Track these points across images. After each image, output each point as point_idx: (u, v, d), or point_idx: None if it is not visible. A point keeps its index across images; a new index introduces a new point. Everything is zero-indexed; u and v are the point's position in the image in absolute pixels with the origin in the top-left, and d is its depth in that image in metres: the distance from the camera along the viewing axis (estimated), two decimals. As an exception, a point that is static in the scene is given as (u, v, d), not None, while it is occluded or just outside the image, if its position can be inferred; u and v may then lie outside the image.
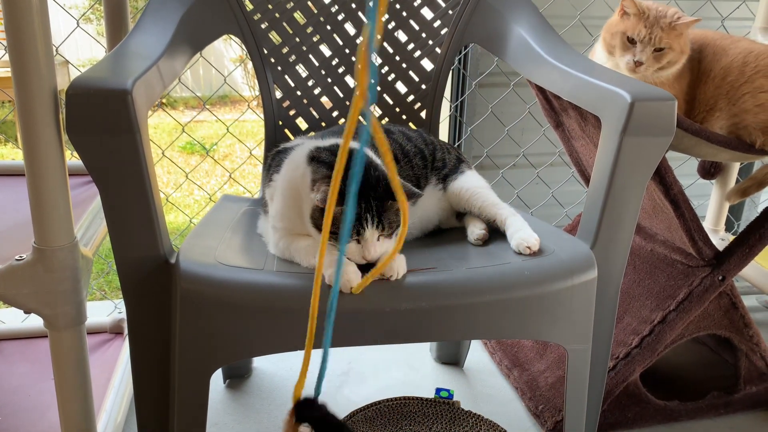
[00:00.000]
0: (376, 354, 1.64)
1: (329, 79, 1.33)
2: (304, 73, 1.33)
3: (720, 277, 1.27)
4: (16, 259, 0.81)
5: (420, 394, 1.34)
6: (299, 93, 1.33)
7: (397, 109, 1.37)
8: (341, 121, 1.35)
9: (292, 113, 1.33)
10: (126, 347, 1.41)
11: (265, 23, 1.28)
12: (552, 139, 1.98)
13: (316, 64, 1.33)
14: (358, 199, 0.84)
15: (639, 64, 1.20)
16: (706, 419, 1.41)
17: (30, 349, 1.42)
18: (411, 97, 1.36)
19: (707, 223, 1.81)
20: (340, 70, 1.33)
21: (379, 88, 1.35)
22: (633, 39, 1.22)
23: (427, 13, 1.34)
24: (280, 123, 1.33)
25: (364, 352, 1.64)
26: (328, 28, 1.32)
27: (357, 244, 0.85)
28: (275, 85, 1.32)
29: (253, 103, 4.39)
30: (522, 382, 1.47)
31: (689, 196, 1.23)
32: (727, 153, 1.27)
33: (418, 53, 1.35)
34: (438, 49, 1.35)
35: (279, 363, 1.58)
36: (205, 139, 4.38)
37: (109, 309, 1.73)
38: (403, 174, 1.05)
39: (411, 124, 1.37)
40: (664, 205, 1.24)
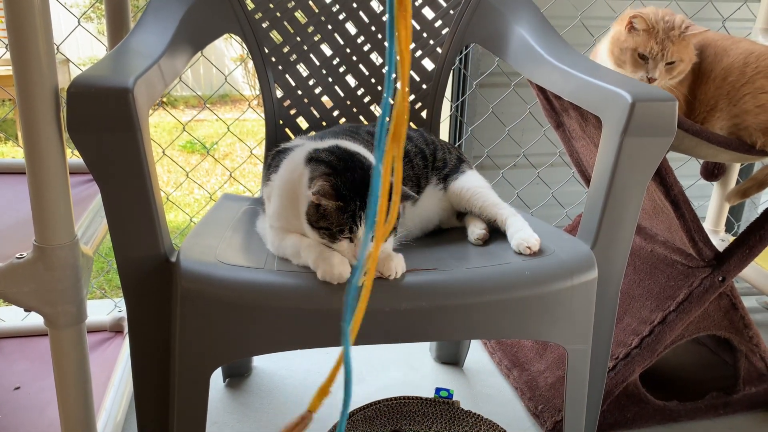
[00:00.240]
0: (376, 353, 1.64)
1: (330, 79, 1.33)
2: (304, 72, 1.33)
3: (720, 278, 1.27)
4: (17, 258, 0.81)
5: (419, 393, 1.34)
6: (300, 92, 1.33)
7: (398, 109, 1.36)
8: (342, 120, 1.35)
9: (292, 112, 1.33)
10: (126, 346, 1.41)
11: (266, 22, 1.28)
12: (552, 139, 1.98)
13: (317, 63, 1.33)
14: (352, 197, 0.84)
15: (652, 80, 1.21)
16: (705, 420, 1.41)
17: (30, 348, 1.42)
18: (412, 97, 1.36)
19: (707, 224, 1.81)
20: (341, 70, 1.33)
21: (379, 88, 1.35)
22: (644, 55, 1.22)
23: (428, 12, 1.34)
24: (281, 122, 1.33)
25: (364, 352, 1.64)
26: (329, 27, 1.32)
27: (350, 243, 0.86)
28: (276, 84, 1.32)
29: (254, 102, 4.39)
30: (522, 382, 1.47)
31: (689, 197, 1.23)
32: (727, 154, 1.27)
33: (419, 53, 1.35)
34: (439, 49, 1.35)
35: (279, 362, 1.58)
36: (205, 138, 4.38)
37: (109, 307, 1.73)
38: (404, 174, 1.05)
39: (412, 124, 1.37)
40: (665, 205, 1.24)
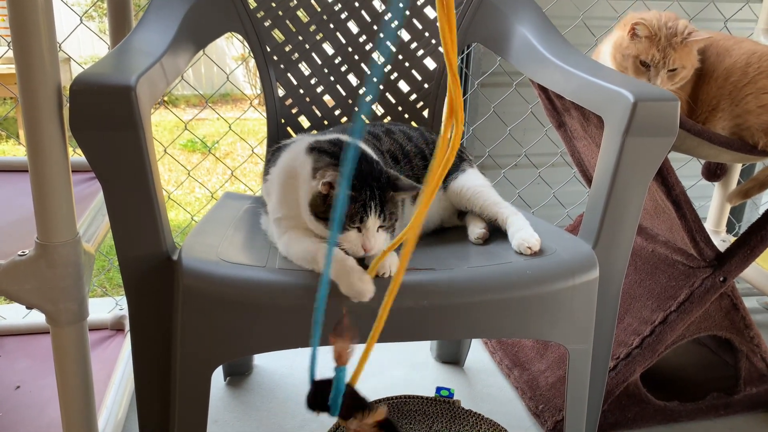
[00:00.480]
0: (377, 352, 1.62)
1: (332, 78, 1.33)
2: (306, 71, 1.33)
3: (721, 279, 1.27)
4: (19, 255, 0.81)
5: (420, 392, 1.34)
6: (302, 91, 1.33)
7: (400, 108, 1.37)
8: (344, 119, 1.35)
9: (294, 111, 1.33)
10: (127, 344, 1.41)
11: (268, 21, 1.29)
12: (554, 139, 1.98)
13: (319, 62, 1.33)
14: (362, 186, 0.84)
15: None
16: (705, 420, 1.41)
17: (31, 346, 1.42)
18: (413, 96, 1.36)
19: (708, 225, 1.81)
20: (343, 69, 1.33)
21: (381, 87, 1.35)
22: (646, 63, 1.22)
23: (430, 12, 1.34)
24: (283, 121, 1.33)
25: (365, 351, 1.64)
26: (331, 26, 1.32)
27: (358, 233, 0.85)
28: (278, 83, 1.32)
29: (255, 101, 4.39)
30: (522, 381, 1.47)
31: (691, 197, 1.23)
32: (729, 154, 1.27)
33: (421, 52, 1.35)
34: (441, 49, 1.35)
35: (280, 360, 1.58)
36: (206, 137, 4.38)
37: (110, 306, 1.73)
38: (404, 174, 1.05)
39: (413, 123, 1.37)
40: (666, 205, 1.24)
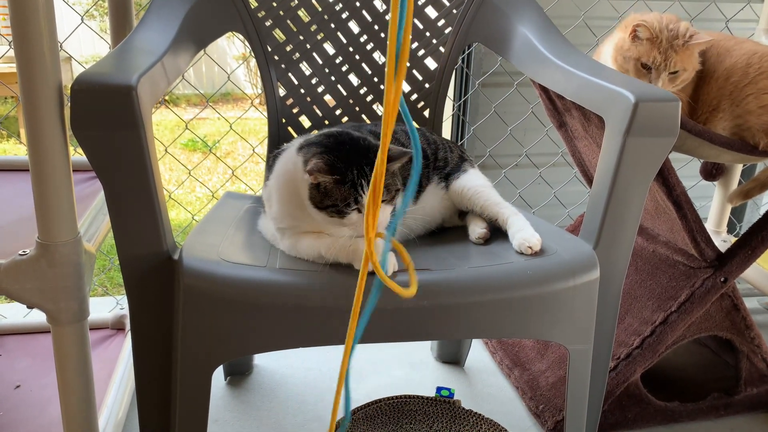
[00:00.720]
0: (377, 352, 1.64)
1: (333, 77, 1.33)
2: (307, 71, 1.33)
3: (722, 279, 1.27)
4: (20, 254, 0.81)
5: (420, 392, 1.34)
6: (303, 91, 1.33)
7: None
8: (344, 119, 1.35)
9: (295, 111, 1.33)
10: (127, 343, 1.41)
11: (269, 21, 1.29)
12: (555, 139, 1.98)
13: (320, 62, 1.33)
14: (347, 167, 0.85)
15: None
16: (706, 420, 1.41)
17: (32, 345, 1.42)
18: (414, 96, 1.36)
19: (709, 225, 1.81)
20: (344, 69, 1.33)
21: (382, 87, 1.35)
22: (647, 65, 1.22)
23: (431, 11, 1.34)
24: (284, 121, 1.33)
25: (365, 350, 1.64)
26: (332, 26, 1.32)
27: (359, 213, 0.86)
28: (279, 82, 1.32)
29: (256, 100, 4.39)
30: (523, 381, 1.47)
31: (691, 197, 1.23)
32: (729, 154, 1.27)
33: (421, 52, 1.35)
34: (442, 48, 1.35)
35: (280, 360, 1.58)
36: (207, 136, 4.38)
37: (111, 305, 1.73)
38: (404, 173, 1.05)
39: (414, 123, 1.37)
40: (667, 206, 1.24)
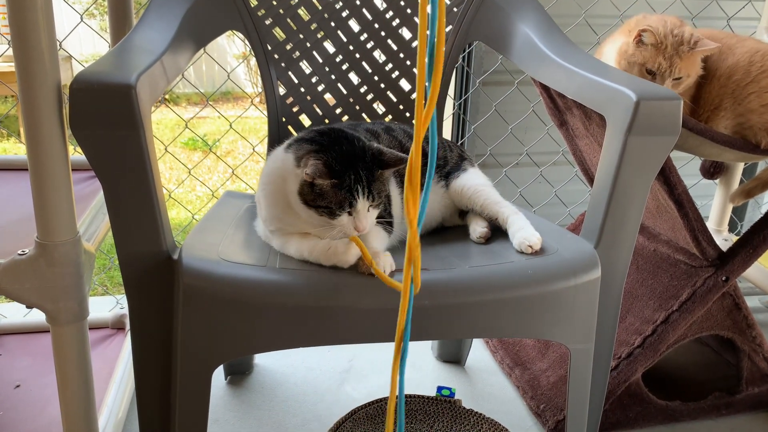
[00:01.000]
0: (378, 351, 1.64)
1: (333, 76, 1.33)
2: (307, 69, 1.32)
3: (723, 278, 1.26)
4: (19, 254, 0.81)
5: (421, 392, 1.34)
6: (303, 90, 1.33)
7: (401, 107, 1.36)
8: (345, 117, 1.35)
9: (295, 110, 1.33)
10: (127, 343, 1.41)
11: (269, 19, 1.28)
12: (555, 137, 1.97)
13: (320, 60, 1.32)
14: (346, 170, 0.85)
15: None
16: (707, 420, 1.41)
17: (32, 344, 1.42)
18: (415, 95, 1.36)
19: (710, 224, 1.81)
20: (344, 67, 1.33)
21: (382, 86, 1.35)
22: (652, 71, 1.21)
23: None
24: (284, 120, 1.33)
25: (366, 350, 1.64)
26: (332, 24, 1.31)
27: (349, 216, 0.86)
28: (279, 81, 1.31)
29: (256, 99, 4.39)
30: (523, 381, 1.47)
31: (693, 196, 1.23)
32: (731, 153, 1.26)
33: (422, 50, 1.35)
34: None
35: (281, 360, 1.58)
36: (207, 135, 4.38)
37: (111, 304, 1.73)
38: (403, 171, 1.05)
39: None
40: (668, 205, 1.23)
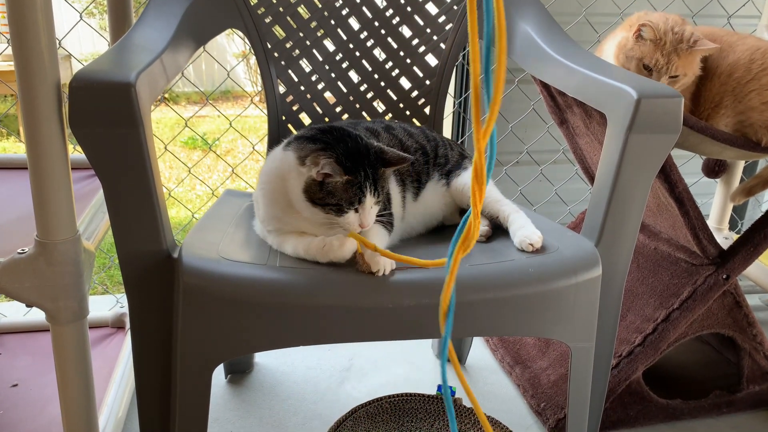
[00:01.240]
0: (378, 350, 1.64)
1: (333, 75, 1.33)
2: (307, 68, 1.32)
3: (724, 276, 1.26)
4: (18, 253, 0.81)
5: (422, 390, 1.34)
6: (303, 88, 1.32)
7: (401, 105, 1.36)
8: (345, 116, 1.35)
9: (295, 108, 1.33)
10: (127, 342, 1.41)
11: (269, 18, 1.28)
12: (556, 136, 1.97)
13: (320, 59, 1.32)
14: (357, 168, 0.85)
15: None
16: (708, 418, 1.41)
17: (31, 343, 1.42)
18: (415, 93, 1.36)
19: (711, 222, 1.80)
20: (344, 66, 1.33)
21: (383, 84, 1.35)
22: (649, 67, 1.21)
23: (431, 8, 1.33)
24: (284, 118, 1.33)
25: (366, 348, 1.64)
26: (332, 22, 1.31)
27: (355, 213, 0.87)
28: (279, 80, 1.31)
29: (256, 98, 4.38)
30: (524, 379, 1.47)
31: (693, 194, 1.23)
32: (732, 151, 1.26)
33: (422, 49, 1.35)
34: (442, 45, 1.34)
35: (281, 358, 1.58)
36: (207, 134, 4.37)
37: (111, 303, 1.73)
38: (403, 170, 1.05)
39: (415, 120, 1.37)
40: (669, 203, 1.23)
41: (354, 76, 1.34)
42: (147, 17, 1.06)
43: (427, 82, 1.35)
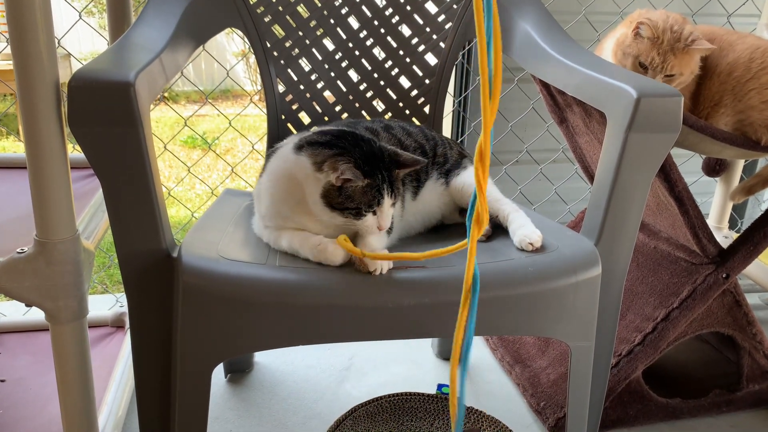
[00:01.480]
0: (378, 349, 1.64)
1: (332, 74, 1.33)
2: (307, 67, 1.32)
3: (724, 275, 1.26)
4: (18, 252, 0.81)
5: (422, 389, 1.34)
6: (302, 87, 1.32)
7: (401, 104, 1.36)
8: (344, 115, 1.35)
9: (295, 107, 1.33)
10: (127, 341, 1.41)
11: (268, 16, 1.28)
12: (555, 135, 1.97)
13: (319, 58, 1.32)
14: (374, 171, 0.86)
15: None
16: (708, 417, 1.41)
17: (31, 342, 1.42)
18: (414, 92, 1.36)
19: (711, 221, 1.80)
20: (344, 65, 1.33)
21: (382, 83, 1.35)
22: (645, 65, 1.21)
23: (431, 7, 1.33)
24: (283, 117, 1.33)
25: (366, 348, 1.64)
26: (332, 21, 1.31)
27: (373, 216, 0.88)
28: (278, 79, 1.31)
29: (255, 97, 4.38)
30: (524, 378, 1.47)
31: (693, 193, 1.23)
32: (732, 150, 1.26)
33: (422, 48, 1.34)
34: (442, 44, 1.34)
35: (281, 357, 1.58)
36: (206, 133, 4.37)
37: (111, 302, 1.73)
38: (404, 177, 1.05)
39: (414, 119, 1.37)
40: (669, 202, 1.23)
41: (353, 75, 1.34)
42: (146, 16, 1.06)
43: (427, 81, 1.35)
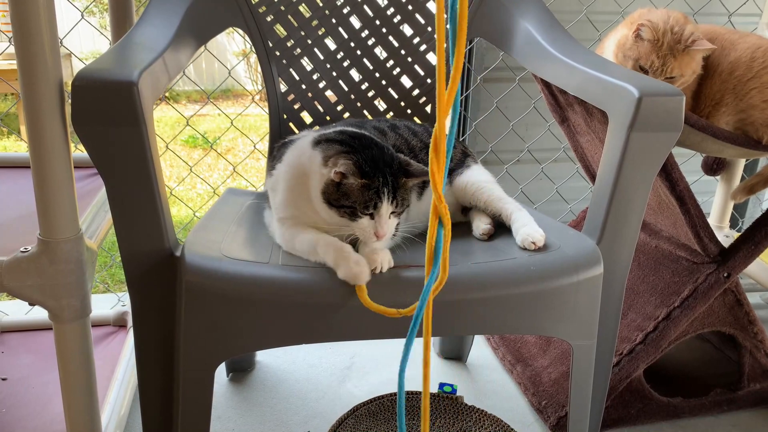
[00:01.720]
0: (379, 348, 1.64)
1: (334, 73, 1.33)
2: (308, 66, 1.32)
3: (725, 274, 1.26)
4: (21, 251, 0.81)
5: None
6: (304, 87, 1.33)
7: (402, 104, 1.36)
8: (346, 114, 1.35)
9: (296, 107, 1.33)
10: (130, 340, 1.41)
11: (270, 16, 1.28)
12: (557, 134, 1.97)
13: (321, 57, 1.32)
14: (375, 173, 0.85)
15: None
16: (709, 416, 1.41)
17: (33, 341, 1.42)
18: (416, 92, 1.36)
19: (712, 220, 1.80)
20: (345, 64, 1.33)
21: (384, 82, 1.35)
22: (644, 68, 1.21)
23: (432, 6, 1.33)
24: (285, 117, 1.33)
25: (367, 347, 1.64)
26: (333, 21, 1.31)
27: (370, 220, 0.86)
28: (280, 78, 1.31)
29: (257, 96, 4.38)
30: (525, 377, 1.47)
31: (694, 192, 1.23)
32: (733, 149, 1.26)
33: (423, 47, 1.35)
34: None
35: (282, 357, 1.58)
36: (208, 132, 4.37)
37: (113, 302, 1.73)
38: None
39: (416, 119, 1.37)
40: (670, 201, 1.23)
41: (355, 74, 1.34)
42: (148, 16, 1.06)
43: (428, 81, 1.36)
